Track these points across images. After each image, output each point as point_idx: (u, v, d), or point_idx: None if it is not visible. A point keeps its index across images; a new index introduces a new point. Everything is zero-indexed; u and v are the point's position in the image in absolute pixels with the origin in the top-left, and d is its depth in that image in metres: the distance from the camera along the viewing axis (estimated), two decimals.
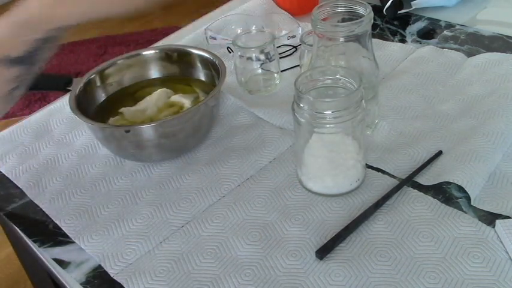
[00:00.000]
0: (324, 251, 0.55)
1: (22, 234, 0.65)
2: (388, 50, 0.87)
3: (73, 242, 0.62)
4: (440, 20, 0.92)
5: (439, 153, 0.65)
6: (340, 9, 0.64)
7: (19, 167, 0.74)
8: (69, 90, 0.72)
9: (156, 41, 1.01)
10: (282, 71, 0.83)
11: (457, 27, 0.90)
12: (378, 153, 0.67)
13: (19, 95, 0.59)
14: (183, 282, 0.55)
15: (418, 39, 0.89)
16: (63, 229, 0.64)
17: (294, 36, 0.91)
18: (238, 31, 0.92)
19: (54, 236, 0.63)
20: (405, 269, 0.53)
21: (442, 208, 0.58)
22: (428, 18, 0.94)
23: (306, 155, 0.61)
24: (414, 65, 0.82)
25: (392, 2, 0.89)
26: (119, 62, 0.78)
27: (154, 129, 0.65)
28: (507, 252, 0.53)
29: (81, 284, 0.57)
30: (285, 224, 0.59)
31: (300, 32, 0.90)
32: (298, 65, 0.82)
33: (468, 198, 0.59)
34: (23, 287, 1.51)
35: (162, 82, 0.79)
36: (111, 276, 0.57)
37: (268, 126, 0.74)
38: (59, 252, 0.61)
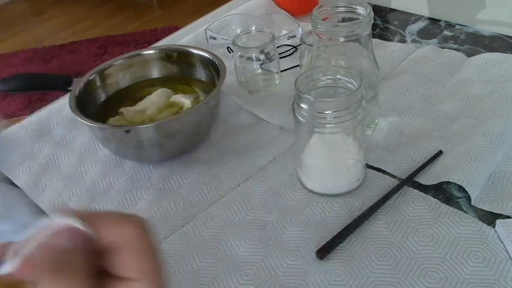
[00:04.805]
0: (324, 251, 0.55)
1: None
2: (388, 50, 0.87)
3: None
4: (440, 20, 0.92)
5: (439, 153, 0.65)
6: (340, 9, 0.64)
7: (19, 167, 0.74)
8: (69, 90, 0.72)
9: (156, 41, 1.01)
10: (282, 71, 0.83)
11: (457, 27, 0.90)
12: (378, 153, 0.67)
13: None
14: (183, 282, 0.55)
15: (418, 39, 0.89)
16: None
17: (294, 36, 0.91)
18: (238, 31, 0.92)
19: None
20: (405, 268, 0.53)
21: (442, 208, 0.58)
22: (429, 18, 0.94)
23: (306, 154, 0.61)
24: (414, 65, 0.82)
25: None
26: (119, 62, 0.78)
27: (154, 129, 0.65)
28: (507, 252, 0.53)
29: None
30: (285, 224, 0.59)
31: (300, 32, 0.90)
32: (298, 65, 0.82)
33: (468, 198, 0.59)
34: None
35: (162, 82, 0.79)
36: None
37: (268, 126, 0.74)
38: None
